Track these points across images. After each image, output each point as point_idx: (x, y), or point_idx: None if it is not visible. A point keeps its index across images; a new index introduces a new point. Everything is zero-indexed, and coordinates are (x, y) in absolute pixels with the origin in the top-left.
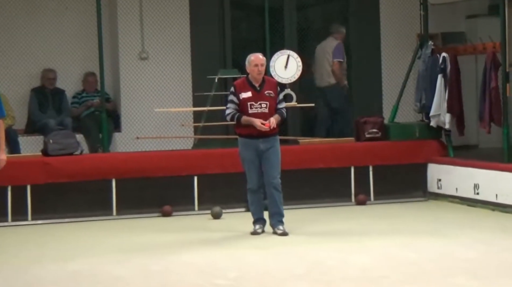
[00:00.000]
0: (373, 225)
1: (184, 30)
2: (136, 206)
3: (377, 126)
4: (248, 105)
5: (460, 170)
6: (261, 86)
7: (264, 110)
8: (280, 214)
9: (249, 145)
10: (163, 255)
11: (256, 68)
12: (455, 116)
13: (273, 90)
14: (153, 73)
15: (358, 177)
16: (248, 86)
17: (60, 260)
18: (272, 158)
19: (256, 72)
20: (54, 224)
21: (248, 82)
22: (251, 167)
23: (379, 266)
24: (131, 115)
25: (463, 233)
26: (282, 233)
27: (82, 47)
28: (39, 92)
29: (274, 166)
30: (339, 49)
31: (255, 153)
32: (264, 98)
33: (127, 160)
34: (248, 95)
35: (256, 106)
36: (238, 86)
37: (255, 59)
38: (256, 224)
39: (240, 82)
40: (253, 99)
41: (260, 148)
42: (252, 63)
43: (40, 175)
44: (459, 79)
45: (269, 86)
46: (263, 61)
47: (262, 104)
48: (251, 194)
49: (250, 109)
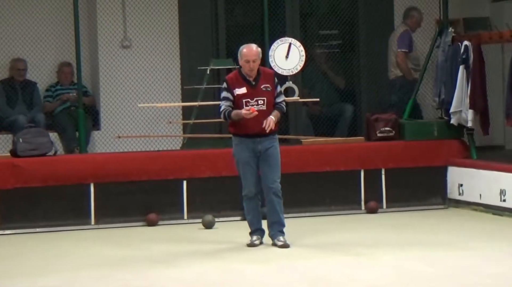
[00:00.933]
0: (385, 236)
1: (172, 15)
2: (118, 213)
3: (390, 124)
4: (243, 103)
5: (484, 173)
6: (256, 80)
7: (261, 107)
8: (280, 224)
9: (245, 145)
10: (147, 269)
11: (247, 65)
12: (478, 113)
13: (270, 83)
14: (137, 63)
15: (369, 181)
16: (242, 81)
17: (30, 275)
18: (271, 159)
19: (248, 68)
20: (24, 234)
21: (241, 76)
22: (247, 170)
23: (391, 282)
24: (112, 111)
25: (488, 245)
26: (283, 244)
27: (56, 34)
28: (7, 85)
29: (273, 169)
30: (403, 37)
31: (251, 154)
32: (261, 93)
33: (107, 161)
34: (243, 92)
35: (252, 103)
36: (230, 81)
37: (247, 53)
38: (253, 235)
39: (232, 76)
40: (249, 96)
41: (257, 148)
42: (243, 57)
43: (9, 178)
44: (483, 71)
45: (265, 79)
46: (256, 56)
47: (258, 100)
48: (247, 202)
49: (245, 107)
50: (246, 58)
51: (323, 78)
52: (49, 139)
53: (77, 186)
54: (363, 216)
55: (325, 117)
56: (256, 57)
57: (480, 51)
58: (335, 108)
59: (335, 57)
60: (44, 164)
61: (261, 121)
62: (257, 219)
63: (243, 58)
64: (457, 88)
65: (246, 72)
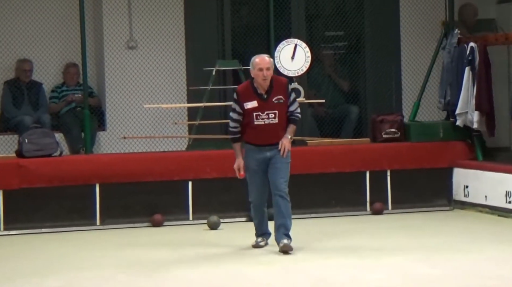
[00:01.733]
0: (390, 237)
1: (177, 16)
2: (123, 214)
3: (396, 125)
4: (254, 116)
5: (490, 175)
6: (268, 93)
7: (272, 120)
8: (285, 227)
9: (255, 153)
10: (152, 270)
11: (261, 73)
12: (484, 115)
13: (282, 94)
14: (142, 64)
15: (374, 182)
16: (253, 94)
17: (35, 276)
18: (279, 164)
19: (261, 77)
20: (29, 235)
21: (253, 88)
22: (254, 180)
23: (395, 284)
24: (117, 112)
25: (493, 247)
26: (283, 246)
27: (62, 35)
28: (13, 86)
29: (281, 172)
30: None
31: (260, 161)
32: (272, 107)
33: (113, 162)
34: (254, 106)
35: (262, 117)
36: (241, 93)
37: (260, 62)
38: (259, 237)
39: (244, 88)
40: (259, 109)
41: (267, 155)
42: (256, 66)
43: (14, 179)
44: (489, 73)
45: (278, 89)
46: (269, 64)
47: (269, 114)
48: (254, 209)
49: (255, 120)
50: (259, 67)
51: (329, 80)
52: (55, 140)
53: (83, 187)
54: (369, 217)
55: (331, 118)
56: (269, 65)
57: (486, 53)
58: (340, 110)
59: (340, 58)
60: (50, 165)
61: (272, 134)
62: (264, 224)
63: (256, 67)
64: (463, 90)
65: (260, 82)
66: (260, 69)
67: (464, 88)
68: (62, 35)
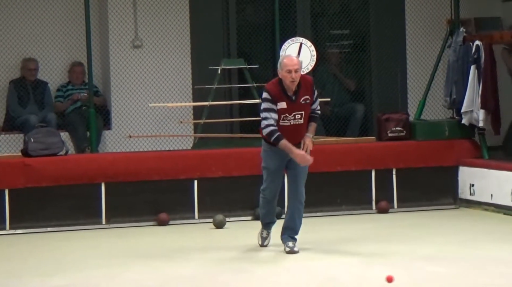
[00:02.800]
0: (396, 236)
1: (183, 15)
2: (128, 213)
3: (401, 124)
4: (281, 117)
5: (495, 173)
6: (296, 94)
7: (298, 121)
8: (294, 231)
9: (276, 154)
10: (158, 268)
11: (289, 75)
12: (490, 113)
13: (309, 93)
14: (148, 63)
15: (380, 181)
16: (282, 95)
17: (41, 275)
18: (300, 168)
19: (289, 79)
20: (35, 234)
21: (282, 89)
22: (273, 178)
23: (402, 282)
24: (123, 111)
25: (499, 245)
26: (290, 250)
27: (67, 34)
28: (19, 85)
29: (302, 178)
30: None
31: (281, 163)
32: (299, 107)
33: (118, 161)
34: (283, 107)
35: (289, 118)
36: (274, 93)
37: (288, 63)
38: (264, 229)
39: (275, 89)
40: (287, 111)
41: (287, 156)
42: (284, 67)
43: (20, 178)
44: (495, 71)
45: (305, 90)
46: (298, 66)
47: (296, 115)
48: (264, 201)
49: (281, 121)
50: (287, 68)
51: (334, 78)
52: (60, 139)
53: (88, 186)
54: (374, 216)
55: (336, 117)
56: (298, 66)
57: (492, 51)
58: (346, 108)
59: (346, 57)
60: (55, 164)
61: (296, 135)
62: (272, 214)
63: (284, 69)
64: (468, 88)
65: (288, 84)
66: (288, 71)
67: (469, 87)
68: (68, 34)
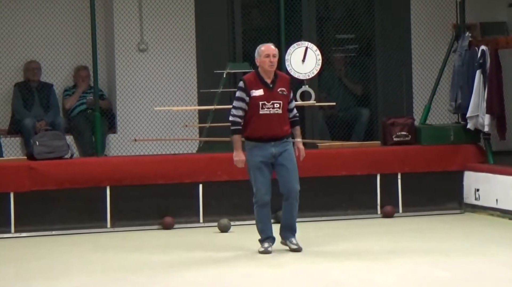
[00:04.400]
0: (401, 240)
1: (188, 18)
2: (133, 217)
3: (407, 128)
4: (260, 105)
5: (501, 178)
6: (273, 83)
7: (277, 111)
8: (293, 228)
9: (259, 150)
10: (163, 273)
11: (267, 59)
12: (495, 118)
13: (286, 87)
14: (153, 67)
15: (385, 185)
16: (259, 82)
17: (46, 278)
18: (288, 163)
19: (268, 64)
20: (40, 237)
21: (259, 77)
22: (258, 177)
23: None
24: (128, 114)
25: (504, 250)
26: (296, 248)
27: (73, 37)
28: (24, 88)
29: (292, 172)
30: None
31: (265, 159)
32: (277, 97)
33: (123, 164)
34: (260, 94)
35: (268, 106)
36: (248, 81)
37: (266, 49)
38: (264, 242)
39: (250, 77)
40: (265, 98)
41: (272, 152)
42: (262, 53)
43: (25, 181)
44: (500, 76)
45: (282, 82)
46: (275, 52)
47: (275, 104)
48: (259, 209)
49: (261, 110)
50: (266, 53)
51: (339, 83)
52: (66, 143)
53: (93, 189)
54: (379, 220)
55: (342, 121)
56: (275, 52)
57: (497, 56)
58: (351, 113)
59: (351, 61)
60: (60, 167)
61: (276, 125)
62: (269, 227)
63: (262, 54)
64: (473, 93)
65: (266, 68)
66: (267, 55)
67: (475, 92)
68: (73, 38)
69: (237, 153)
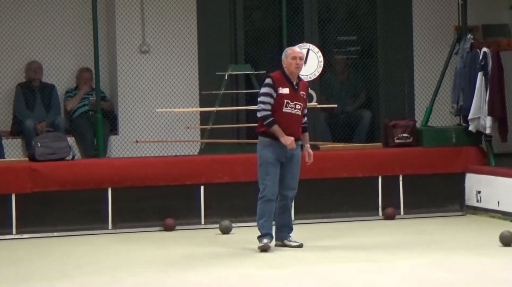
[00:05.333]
0: (402, 242)
1: (190, 20)
2: (135, 218)
3: (408, 130)
4: (284, 103)
5: (502, 181)
6: (297, 85)
7: (298, 112)
8: (290, 228)
9: (275, 148)
10: (164, 274)
11: (294, 61)
12: (497, 120)
13: (305, 92)
14: (155, 68)
15: (387, 187)
16: (285, 81)
17: (48, 279)
18: (295, 167)
19: (294, 65)
20: (42, 238)
21: (285, 77)
22: (272, 172)
23: None
24: (130, 116)
25: (506, 252)
26: (299, 245)
27: (75, 39)
28: (26, 88)
29: (295, 177)
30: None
31: (278, 157)
32: (300, 99)
33: (125, 166)
34: (286, 92)
35: (291, 105)
36: (276, 79)
37: (293, 52)
38: (264, 238)
39: (277, 75)
40: (290, 97)
41: (286, 153)
42: (289, 56)
43: (27, 182)
44: (502, 78)
45: (303, 87)
46: (302, 55)
47: (297, 105)
48: (264, 204)
49: (284, 108)
50: (293, 55)
51: (341, 85)
52: (67, 144)
53: (95, 191)
54: (381, 222)
55: (343, 123)
56: (302, 55)
57: (499, 58)
58: (353, 115)
59: (353, 63)
60: (62, 168)
61: (295, 125)
62: (270, 224)
63: (289, 57)
64: (475, 95)
65: (293, 71)
66: (293, 58)
67: (476, 94)
68: (75, 40)
69: (284, 138)
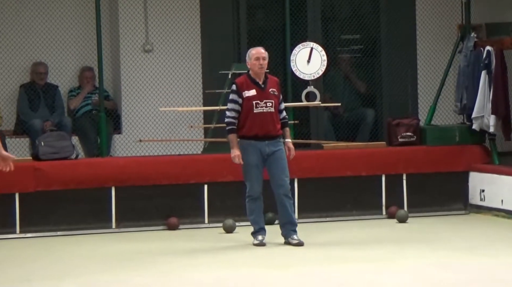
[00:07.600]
0: (406, 241)
1: (193, 19)
2: (138, 217)
3: (412, 129)
4: (254, 105)
5: (506, 179)
6: (264, 84)
7: (270, 109)
8: (292, 223)
9: (254, 148)
10: (168, 273)
11: (257, 62)
12: (500, 119)
13: (276, 88)
14: (158, 67)
15: (390, 186)
16: (251, 83)
17: (51, 279)
18: (280, 161)
19: (258, 66)
20: (45, 237)
21: (250, 79)
22: (254, 173)
23: None
24: (133, 115)
25: (509, 251)
26: (298, 242)
27: (78, 38)
28: (29, 89)
29: (283, 169)
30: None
31: (259, 157)
32: (269, 96)
33: (128, 165)
34: (253, 94)
35: (261, 105)
36: (240, 84)
37: (256, 53)
38: (258, 235)
39: (241, 79)
40: (258, 98)
41: (265, 151)
42: (252, 57)
43: (30, 181)
44: (506, 76)
45: (272, 84)
46: (265, 55)
47: (267, 103)
48: (252, 202)
49: (255, 109)
50: (256, 56)
51: (345, 83)
52: (71, 143)
53: (98, 190)
54: (384, 221)
55: (347, 122)
56: (265, 55)
57: (503, 57)
58: (356, 113)
59: (357, 62)
60: (66, 168)
61: (270, 123)
62: (261, 219)
63: (252, 58)
64: (479, 94)
65: (256, 71)
66: (257, 59)
67: (480, 92)
68: (78, 39)
69: (233, 150)
